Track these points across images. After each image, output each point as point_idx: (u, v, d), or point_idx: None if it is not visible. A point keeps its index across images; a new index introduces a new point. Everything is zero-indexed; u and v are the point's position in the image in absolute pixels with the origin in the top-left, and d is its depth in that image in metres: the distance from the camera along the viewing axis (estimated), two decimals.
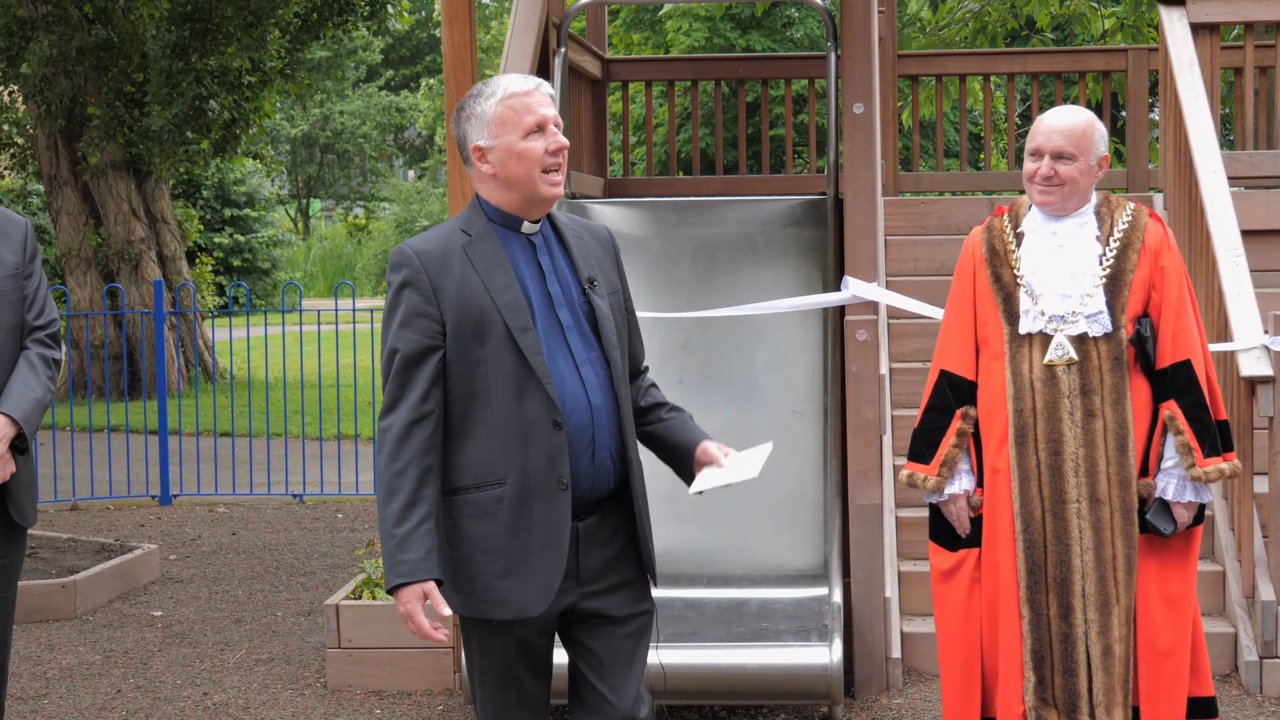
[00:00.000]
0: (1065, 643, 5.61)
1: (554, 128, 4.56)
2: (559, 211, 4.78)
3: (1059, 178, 5.64)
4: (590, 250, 4.70)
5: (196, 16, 19.11)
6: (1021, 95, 20.63)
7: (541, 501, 4.48)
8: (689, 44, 29.49)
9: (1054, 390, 5.60)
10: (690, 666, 6.95)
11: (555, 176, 4.57)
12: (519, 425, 4.47)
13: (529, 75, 4.64)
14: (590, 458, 4.54)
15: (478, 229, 4.59)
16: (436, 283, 4.50)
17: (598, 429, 4.55)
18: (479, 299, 4.49)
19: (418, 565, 4.41)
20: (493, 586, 4.52)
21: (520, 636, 4.59)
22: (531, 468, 4.47)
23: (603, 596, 4.63)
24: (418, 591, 4.43)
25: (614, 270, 4.75)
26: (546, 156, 4.53)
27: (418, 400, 4.47)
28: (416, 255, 4.53)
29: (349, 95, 54.60)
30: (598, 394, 4.55)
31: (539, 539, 4.48)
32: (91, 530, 12.28)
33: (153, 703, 7.81)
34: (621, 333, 4.67)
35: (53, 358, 5.68)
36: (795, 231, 9.47)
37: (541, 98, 4.56)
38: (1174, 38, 9.77)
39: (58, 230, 21.60)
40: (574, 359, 4.55)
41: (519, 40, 9.60)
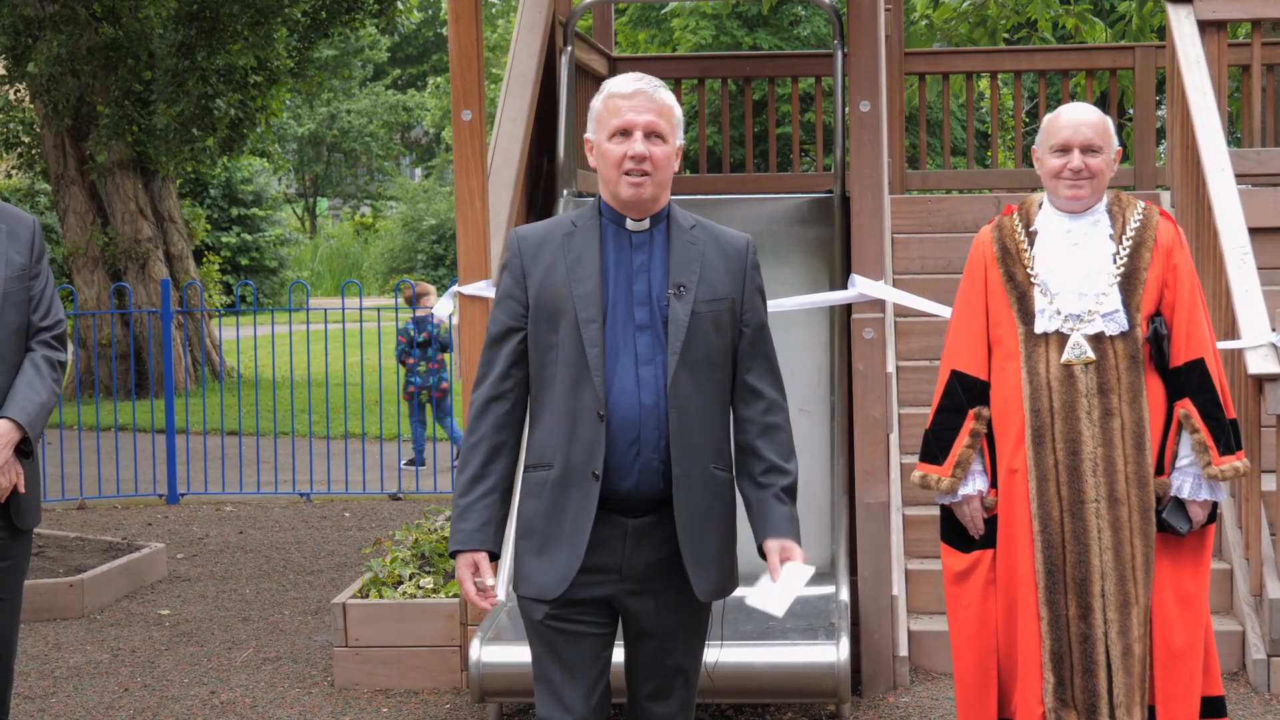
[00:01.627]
0: (1085, 643, 5.59)
1: (641, 135, 4.60)
2: (691, 215, 4.82)
3: (1089, 170, 5.62)
4: (698, 256, 4.70)
5: (203, 15, 19.11)
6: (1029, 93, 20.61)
7: (578, 490, 4.58)
8: (695, 42, 29.46)
9: (1072, 390, 5.58)
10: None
11: (636, 179, 4.61)
12: (571, 413, 4.58)
13: (644, 78, 4.69)
14: (635, 455, 4.58)
15: (585, 221, 4.73)
16: (528, 267, 4.67)
17: (644, 428, 4.58)
18: (558, 286, 4.62)
19: (470, 535, 4.62)
20: (527, 563, 4.67)
21: (551, 613, 4.66)
22: (574, 455, 4.58)
23: (643, 597, 4.68)
24: (469, 560, 4.63)
25: (732, 281, 4.73)
26: (626, 161, 4.60)
27: (497, 378, 4.67)
28: (518, 239, 4.73)
29: (356, 94, 54.65)
30: (650, 394, 4.58)
31: (569, 525, 4.59)
32: (99, 529, 12.29)
33: (160, 701, 7.81)
34: (708, 342, 4.64)
35: (58, 360, 5.66)
36: (802, 229, 9.47)
37: (639, 103, 4.62)
38: (1181, 35, 9.76)
39: (65, 229, 21.62)
40: (636, 357, 4.59)
41: (526, 38, 9.60)
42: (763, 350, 4.79)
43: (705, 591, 4.68)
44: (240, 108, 20.18)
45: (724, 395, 4.73)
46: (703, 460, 4.65)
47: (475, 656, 7.07)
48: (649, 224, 4.70)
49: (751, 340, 4.77)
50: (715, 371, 4.69)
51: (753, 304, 4.78)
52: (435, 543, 8.60)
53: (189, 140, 19.92)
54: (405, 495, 13.83)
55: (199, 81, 19.13)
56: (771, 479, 4.74)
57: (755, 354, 4.78)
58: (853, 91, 7.91)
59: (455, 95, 7.68)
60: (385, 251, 48.79)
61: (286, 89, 21.03)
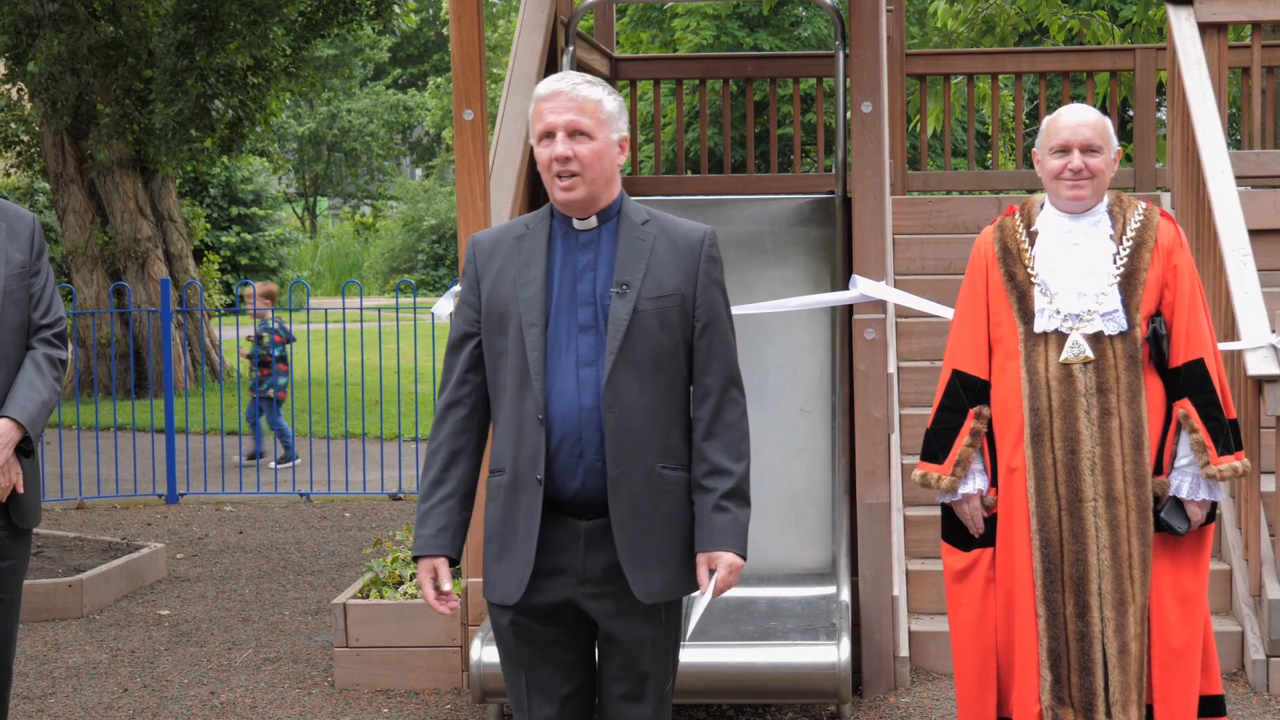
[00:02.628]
0: (1082, 641, 5.60)
1: (563, 136, 4.54)
2: (646, 209, 4.74)
3: (1089, 170, 5.63)
4: (645, 252, 4.62)
5: (202, 14, 19.11)
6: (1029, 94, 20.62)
7: (526, 494, 4.57)
8: (696, 42, 29.47)
9: (1070, 389, 5.59)
10: (698, 665, 6.94)
11: (564, 182, 4.56)
12: (517, 418, 4.57)
13: (565, 76, 4.63)
14: (578, 457, 4.55)
15: (536, 223, 4.70)
16: (481, 272, 4.68)
17: (585, 430, 4.54)
18: (506, 291, 4.60)
19: (427, 541, 4.66)
20: (489, 569, 4.69)
21: (515, 620, 4.66)
22: (521, 460, 4.56)
23: (603, 600, 4.63)
24: (427, 565, 4.67)
25: (682, 276, 4.64)
26: (554, 163, 4.55)
27: (455, 383, 4.69)
28: (474, 244, 4.74)
29: (356, 93, 54.66)
30: (590, 396, 4.54)
31: (521, 530, 4.58)
32: (98, 529, 12.29)
33: (159, 702, 7.80)
34: (651, 340, 4.57)
35: (59, 358, 5.64)
36: (803, 230, 9.47)
37: (559, 104, 4.56)
38: (1182, 37, 9.76)
39: (64, 228, 21.60)
40: (578, 359, 4.56)
41: (527, 38, 9.60)
42: (717, 346, 4.68)
43: (648, 593, 4.57)
44: (239, 108, 20.18)
45: (676, 392, 4.64)
46: (646, 460, 4.56)
47: (476, 657, 7.07)
48: (597, 222, 4.65)
49: (704, 336, 4.66)
50: (662, 370, 4.60)
51: (706, 299, 4.67)
52: None
53: (187, 140, 19.92)
54: (405, 495, 13.82)
55: (197, 81, 19.13)
56: (713, 481, 4.61)
57: (709, 351, 4.67)
58: (854, 92, 7.91)
59: (457, 95, 7.68)
60: (385, 251, 48.82)
61: (282, 88, 21.02)
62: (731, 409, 4.68)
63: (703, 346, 4.66)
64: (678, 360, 4.63)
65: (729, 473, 4.62)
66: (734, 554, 4.58)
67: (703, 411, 4.66)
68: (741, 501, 4.64)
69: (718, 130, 25.79)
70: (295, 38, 20.43)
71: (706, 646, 7.07)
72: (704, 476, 4.63)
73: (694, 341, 4.66)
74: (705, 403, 4.66)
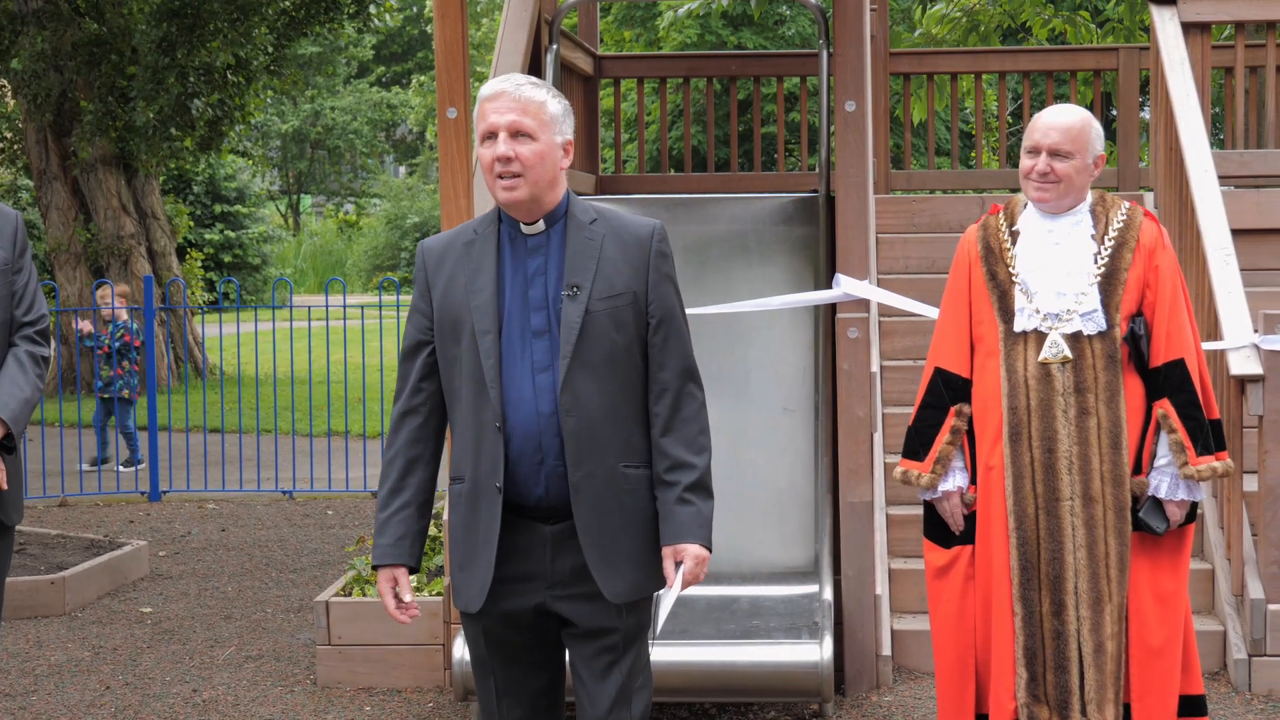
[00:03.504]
0: (1057, 640, 5.61)
1: (505, 136, 4.50)
2: (594, 207, 4.72)
3: (1055, 174, 5.64)
4: (594, 253, 4.59)
5: (185, 12, 19.08)
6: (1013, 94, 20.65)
7: (486, 502, 4.56)
8: (681, 41, 29.49)
9: (1048, 388, 5.61)
10: (681, 664, 6.95)
11: (506, 182, 4.52)
12: (475, 426, 4.56)
13: (510, 78, 4.60)
14: (539, 464, 4.54)
15: (484, 228, 4.66)
16: (431, 280, 4.64)
17: (544, 436, 4.53)
18: (458, 298, 4.58)
19: (386, 550, 4.65)
20: (454, 576, 4.70)
21: (486, 626, 4.67)
22: (481, 468, 4.56)
23: (575, 601, 4.62)
24: (387, 574, 4.67)
25: (632, 273, 4.61)
26: (496, 163, 4.52)
27: (410, 392, 4.67)
28: (423, 252, 4.71)
29: (340, 91, 54.59)
30: (547, 401, 4.52)
31: (482, 537, 4.58)
32: (80, 526, 12.27)
33: (142, 699, 7.79)
34: (605, 341, 4.55)
35: (42, 355, 5.62)
36: (787, 229, 9.47)
37: (502, 104, 4.53)
38: (1165, 37, 9.78)
39: (47, 225, 21.57)
40: (533, 365, 4.54)
41: (511, 37, 9.59)
42: (672, 341, 4.65)
43: (616, 593, 4.57)
44: (218, 107, 20.15)
45: (634, 390, 4.61)
46: (608, 461, 4.55)
47: (458, 655, 7.07)
48: (544, 225, 4.61)
49: (659, 332, 4.64)
50: (619, 369, 4.58)
51: (658, 294, 4.64)
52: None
53: (168, 138, 19.89)
54: None
55: (178, 79, 19.10)
56: (675, 475, 4.60)
57: (664, 346, 4.64)
58: (838, 91, 7.91)
59: (440, 93, 7.68)
60: (369, 249, 48.80)
61: (263, 85, 20.99)
62: (690, 403, 4.66)
63: (657, 342, 4.64)
64: (633, 358, 4.61)
65: (691, 466, 4.61)
66: (699, 546, 4.58)
67: (660, 407, 4.63)
68: (704, 494, 4.63)
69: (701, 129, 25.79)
70: (278, 36, 20.41)
71: (689, 645, 7.07)
72: (666, 471, 4.62)
73: (649, 338, 4.63)
74: (663, 398, 4.64)
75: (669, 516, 4.60)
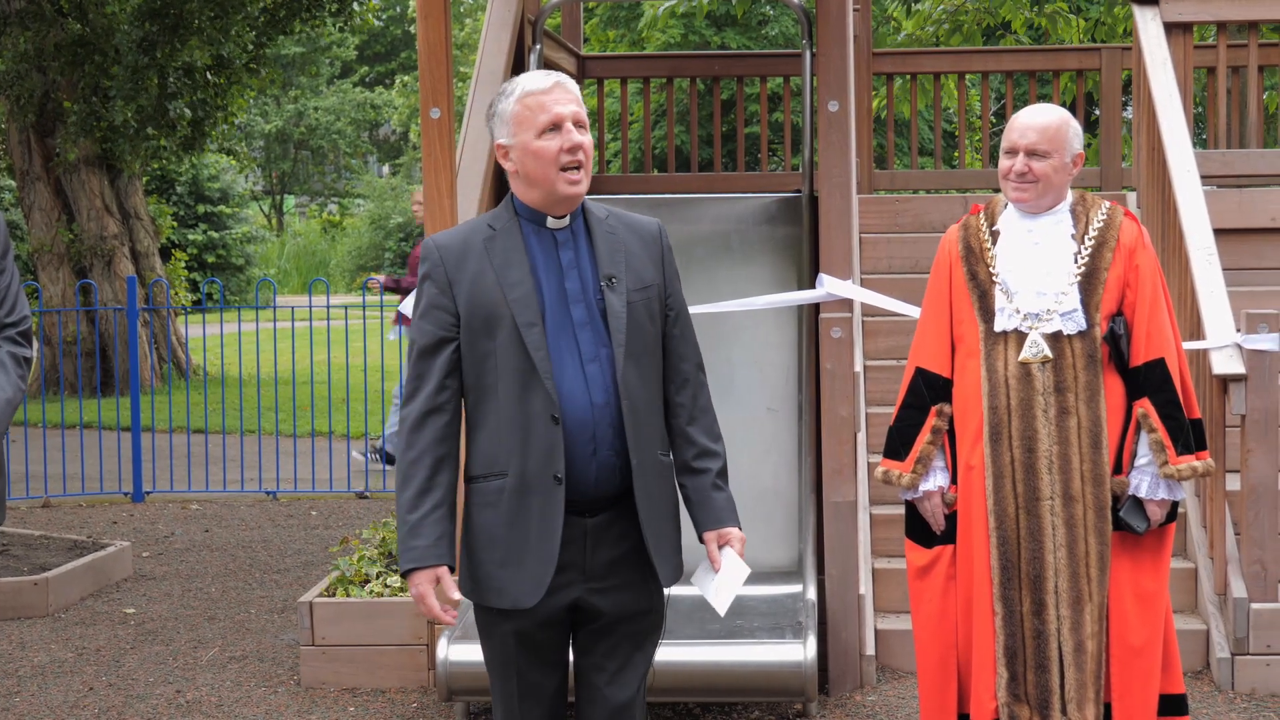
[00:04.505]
0: (1038, 639, 5.63)
1: (571, 125, 4.56)
2: (602, 205, 4.79)
3: (1033, 174, 5.66)
4: (621, 247, 4.68)
5: (167, 12, 19.05)
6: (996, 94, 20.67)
7: (538, 496, 4.53)
8: (664, 41, 29.48)
9: (1028, 387, 5.62)
10: (665, 664, 6.94)
11: (574, 174, 4.58)
12: (522, 419, 4.53)
13: (551, 73, 4.64)
14: (592, 454, 4.56)
15: (503, 224, 4.66)
16: (453, 276, 4.60)
17: (598, 427, 4.56)
18: (491, 293, 4.56)
19: (427, 551, 4.54)
20: (492, 575, 4.61)
21: (520, 627, 4.65)
22: (530, 462, 4.53)
23: (608, 594, 4.67)
24: (430, 576, 4.56)
25: (653, 267, 4.72)
26: (562, 155, 4.55)
27: (433, 391, 4.59)
28: (438, 248, 4.66)
29: (324, 91, 54.54)
30: (600, 392, 4.56)
31: (535, 532, 4.55)
32: (64, 527, 12.24)
33: (125, 700, 7.79)
34: (644, 331, 4.64)
35: (23, 356, 5.61)
36: (770, 229, 9.49)
37: (560, 95, 4.58)
38: (1148, 37, 9.80)
39: (30, 226, 21.51)
40: (580, 356, 4.57)
41: (494, 37, 9.60)
42: (688, 333, 4.80)
43: (668, 577, 4.69)
44: (199, 107, 20.11)
45: (659, 380, 4.71)
46: (653, 449, 4.65)
47: (442, 655, 7.07)
48: (568, 220, 4.67)
49: (677, 324, 4.76)
50: (653, 360, 4.68)
51: (674, 288, 4.78)
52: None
53: (147, 138, 19.85)
54: (372, 494, 13.80)
55: (157, 79, 19.06)
56: (705, 463, 4.75)
57: (682, 338, 4.78)
58: (821, 91, 7.92)
59: (424, 93, 7.67)
60: (352, 249, 48.73)
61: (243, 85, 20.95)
62: (705, 393, 4.82)
63: (676, 334, 4.76)
64: (659, 349, 4.72)
65: (717, 454, 4.78)
66: (739, 529, 4.76)
67: (684, 397, 4.75)
68: (727, 481, 4.80)
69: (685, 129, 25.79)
70: (258, 34, 20.38)
71: (673, 645, 7.07)
72: (694, 459, 4.75)
73: (667, 330, 4.74)
74: (685, 388, 4.76)
75: (706, 503, 4.74)
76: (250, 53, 20.40)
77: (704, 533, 4.76)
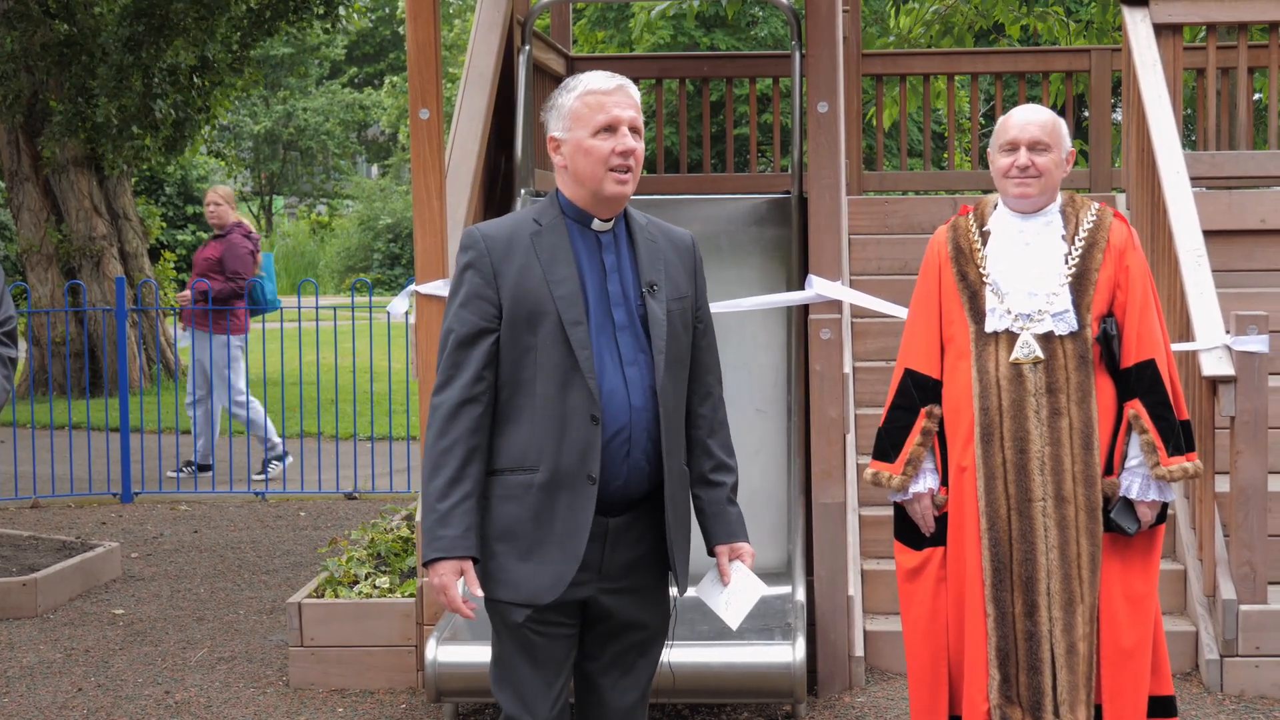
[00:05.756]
0: (1030, 641, 5.63)
1: (627, 130, 4.59)
2: (640, 213, 4.81)
3: (1036, 168, 5.67)
4: (660, 254, 4.71)
5: (153, 12, 19.02)
6: (985, 95, 20.67)
7: (568, 492, 4.54)
8: (653, 42, 29.47)
9: (1020, 388, 5.62)
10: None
11: (623, 176, 4.60)
12: (559, 416, 4.54)
13: (615, 76, 4.67)
14: (625, 456, 4.58)
15: (549, 220, 4.67)
16: (498, 267, 4.59)
17: (634, 429, 4.58)
18: (537, 288, 4.56)
19: (455, 542, 4.52)
20: (509, 568, 4.60)
21: (533, 619, 4.64)
22: (564, 459, 4.54)
23: (621, 595, 4.70)
24: (454, 567, 4.53)
25: (687, 278, 4.76)
26: (614, 157, 4.57)
27: (470, 380, 4.57)
28: (483, 238, 4.65)
29: (312, 92, 54.50)
30: (639, 395, 4.58)
31: (560, 529, 4.56)
32: (52, 528, 12.22)
33: (114, 701, 7.77)
34: (679, 340, 4.67)
35: (9, 356, 5.61)
36: (759, 230, 9.48)
37: (621, 99, 4.60)
38: (1137, 38, 9.80)
39: (19, 226, 21.48)
40: (620, 358, 4.59)
41: (483, 37, 9.59)
42: (713, 347, 4.86)
43: (683, 584, 4.74)
44: (182, 108, 20.08)
45: (685, 390, 4.75)
46: (680, 456, 4.70)
47: (431, 656, 7.06)
48: (611, 223, 4.69)
49: (705, 336, 4.82)
50: (684, 369, 4.72)
51: (704, 300, 4.83)
52: (391, 542, 8.58)
53: (131, 138, 19.82)
54: (361, 495, 13.79)
55: (141, 79, 19.03)
56: (721, 476, 4.81)
57: (709, 350, 4.83)
58: (811, 92, 7.92)
59: (413, 94, 7.66)
60: (341, 250, 48.67)
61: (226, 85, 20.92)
62: (724, 408, 4.89)
63: (704, 346, 4.83)
64: (689, 359, 4.76)
65: (732, 469, 4.86)
66: (750, 545, 4.83)
67: (705, 409, 4.81)
68: (737, 496, 4.87)
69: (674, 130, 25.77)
70: (243, 35, 20.35)
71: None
72: (712, 471, 4.81)
73: (695, 341, 4.79)
74: (707, 401, 4.82)
75: (720, 515, 4.81)
76: (235, 54, 20.37)
77: (716, 545, 4.80)
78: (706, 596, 4.81)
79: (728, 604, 4.78)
